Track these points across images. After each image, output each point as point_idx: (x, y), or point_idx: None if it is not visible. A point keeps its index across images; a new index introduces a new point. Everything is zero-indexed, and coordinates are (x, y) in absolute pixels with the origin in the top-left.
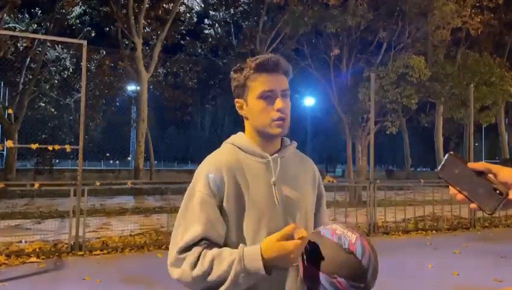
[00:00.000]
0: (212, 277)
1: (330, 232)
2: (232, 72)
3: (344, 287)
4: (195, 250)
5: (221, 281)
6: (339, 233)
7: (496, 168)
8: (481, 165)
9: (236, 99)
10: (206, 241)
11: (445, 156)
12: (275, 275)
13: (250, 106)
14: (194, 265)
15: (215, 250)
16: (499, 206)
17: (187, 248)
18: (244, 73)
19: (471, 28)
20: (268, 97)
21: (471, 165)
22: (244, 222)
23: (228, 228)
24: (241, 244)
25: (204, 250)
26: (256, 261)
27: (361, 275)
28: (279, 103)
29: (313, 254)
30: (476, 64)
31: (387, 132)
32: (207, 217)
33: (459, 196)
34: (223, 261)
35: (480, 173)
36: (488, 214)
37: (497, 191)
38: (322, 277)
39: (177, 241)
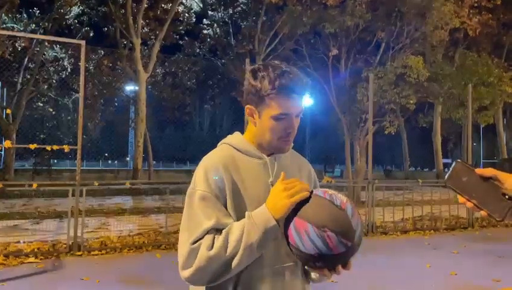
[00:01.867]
0: (229, 248)
1: (322, 192)
2: (250, 74)
3: (333, 242)
4: (208, 236)
5: (237, 251)
6: (330, 193)
7: (503, 175)
8: (489, 171)
9: (247, 105)
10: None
11: (453, 165)
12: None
13: (262, 121)
14: (211, 247)
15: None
16: (508, 211)
17: (200, 239)
18: (265, 87)
19: (470, 28)
20: (283, 119)
21: (479, 171)
22: None
23: None
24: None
25: (217, 235)
26: (264, 213)
27: (350, 233)
28: (292, 126)
29: (302, 207)
30: (474, 65)
31: (386, 132)
32: (212, 212)
33: (469, 204)
34: (235, 229)
35: (488, 179)
36: (498, 221)
37: (507, 197)
38: (311, 229)
39: (184, 240)
